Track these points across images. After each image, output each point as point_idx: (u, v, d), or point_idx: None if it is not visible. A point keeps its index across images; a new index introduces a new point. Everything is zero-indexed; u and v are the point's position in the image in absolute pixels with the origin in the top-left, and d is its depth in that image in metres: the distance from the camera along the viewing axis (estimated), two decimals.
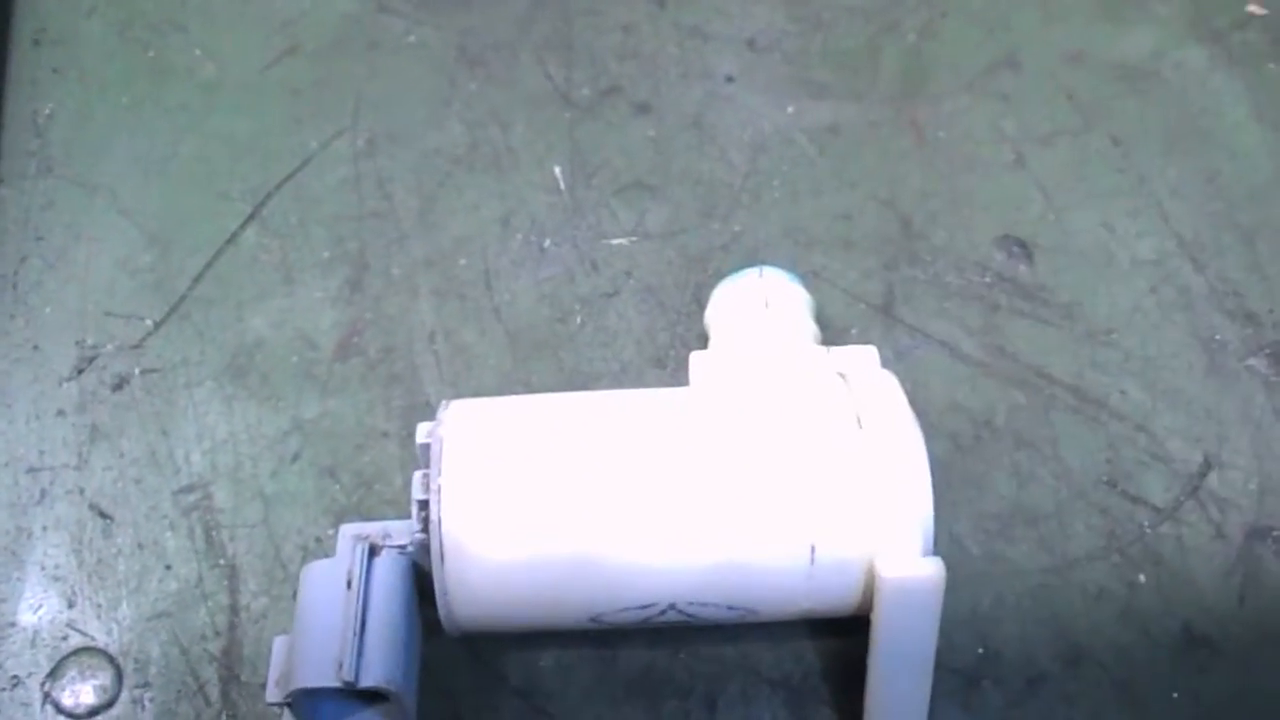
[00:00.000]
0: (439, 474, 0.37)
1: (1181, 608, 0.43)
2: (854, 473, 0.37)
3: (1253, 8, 0.55)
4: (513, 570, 0.37)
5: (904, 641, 0.37)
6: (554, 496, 0.37)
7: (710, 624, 0.39)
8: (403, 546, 0.39)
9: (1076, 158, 0.53)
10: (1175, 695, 0.41)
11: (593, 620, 0.38)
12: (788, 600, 0.38)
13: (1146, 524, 0.44)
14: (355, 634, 0.36)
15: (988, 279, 0.50)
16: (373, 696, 0.38)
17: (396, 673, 0.37)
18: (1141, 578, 0.43)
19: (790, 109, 0.54)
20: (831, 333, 0.49)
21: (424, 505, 0.37)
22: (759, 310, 0.43)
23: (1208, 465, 0.45)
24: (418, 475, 0.38)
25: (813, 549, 0.37)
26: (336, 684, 0.36)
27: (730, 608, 0.38)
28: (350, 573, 0.38)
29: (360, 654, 0.36)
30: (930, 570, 0.36)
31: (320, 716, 0.38)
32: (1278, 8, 0.55)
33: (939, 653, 0.38)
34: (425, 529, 0.38)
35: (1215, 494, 0.45)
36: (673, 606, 0.37)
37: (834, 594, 0.38)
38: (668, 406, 0.39)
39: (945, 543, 0.43)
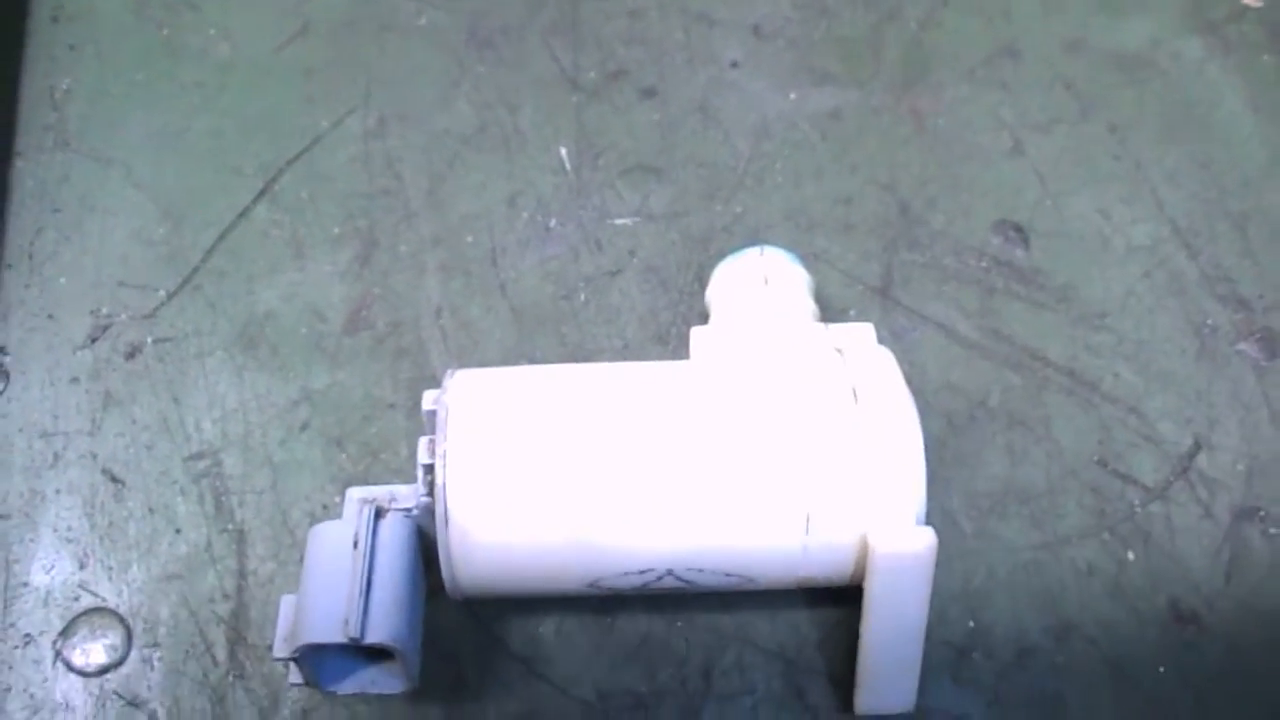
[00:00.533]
0: (444, 439, 0.38)
1: (1169, 585, 0.44)
2: (849, 445, 0.38)
3: (1248, 0, 0.56)
4: (515, 534, 0.38)
5: (896, 612, 0.38)
6: (556, 463, 0.38)
7: (707, 591, 0.40)
8: (408, 510, 0.40)
9: (1074, 145, 0.54)
10: (1161, 669, 0.42)
11: (592, 585, 0.39)
12: (783, 569, 0.39)
13: (1136, 503, 0.45)
14: (361, 593, 0.37)
15: (984, 263, 0.51)
16: (377, 654, 0.39)
17: (401, 631, 0.38)
18: (1131, 555, 0.44)
19: (793, 95, 0.55)
20: (830, 313, 0.50)
21: (429, 470, 0.38)
22: (759, 287, 0.44)
23: (1197, 447, 0.46)
24: (423, 441, 0.39)
25: (808, 518, 0.38)
26: (342, 640, 0.37)
27: (727, 575, 0.39)
28: (357, 533, 0.39)
29: (366, 612, 0.37)
30: (922, 541, 0.37)
31: (325, 672, 0.39)
32: (1273, 0, 0.56)
33: (931, 625, 0.38)
34: (430, 493, 0.38)
35: (1204, 475, 0.46)
36: (670, 572, 0.38)
37: (829, 564, 0.38)
38: (668, 378, 0.40)
39: (939, 519, 0.43)
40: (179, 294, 0.50)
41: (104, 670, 0.43)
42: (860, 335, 0.42)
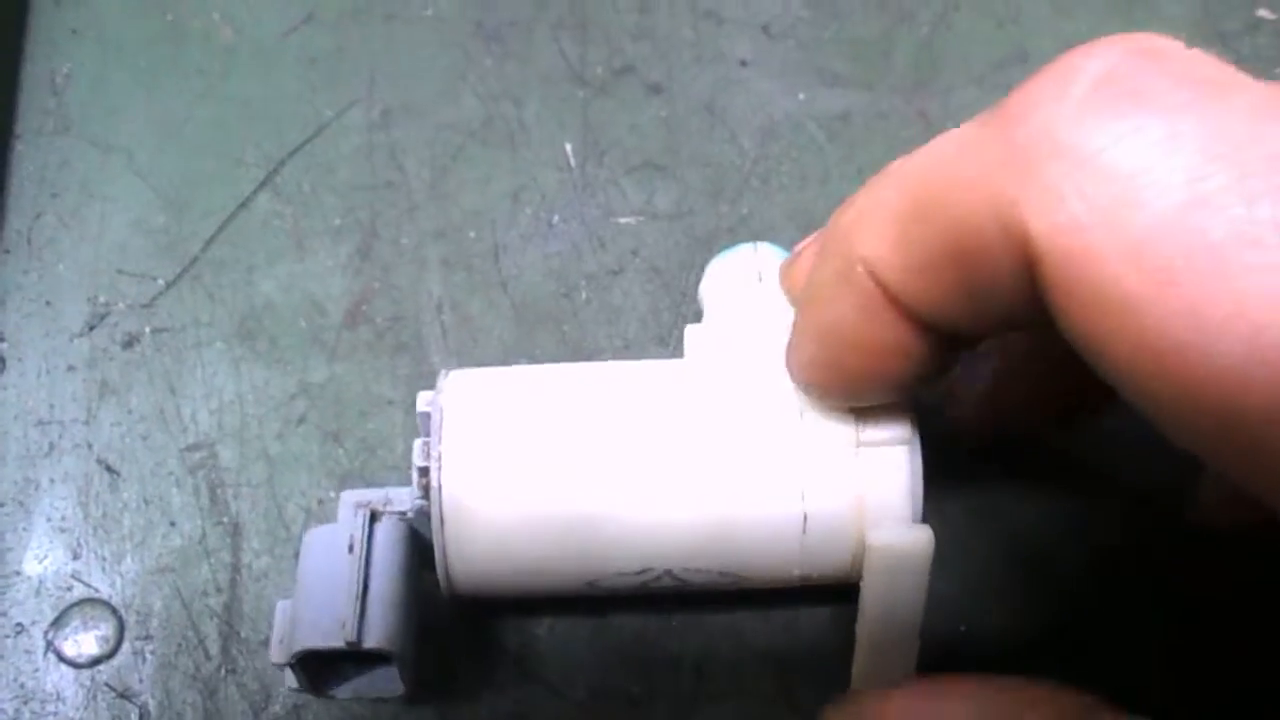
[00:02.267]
0: (439, 441, 0.38)
1: None
2: (845, 441, 0.38)
3: (1263, 12, 0.56)
4: (511, 536, 0.38)
5: (892, 610, 0.37)
6: (552, 465, 0.38)
7: (705, 591, 0.40)
8: (403, 513, 0.40)
9: None
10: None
11: (589, 586, 0.38)
12: (780, 567, 0.38)
13: None
14: (357, 597, 0.37)
15: None
16: (374, 659, 0.39)
17: (398, 635, 0.38)
18: None
19: (802, 96, 0.54)
20: None
21: (424, 472, 0.38)
22: (753, 284, 0.43)
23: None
24: (418, 443, 0.39)
25: (805, 517, 0.37)
26: (340, 645, 0.36)
27: (723, 573, 0.38)
28: (352, 537, 0.38)
29: (363, 616, 0.37)
30: (919, 537, 0.37)
31: (322, 677, 0.39)
32: None
33: (923, 627, 0.38)
34: (425, 495, 0.38)
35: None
36: (668, 572, 0.38)
37: (826, 561, 0.38)
38: (662, 377, 0.40)
39: (935, 520, 0.43)
40: (178, 283, 0.49)
41: (96, 661, 0.43)
42: None
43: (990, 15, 0.56)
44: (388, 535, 0.39)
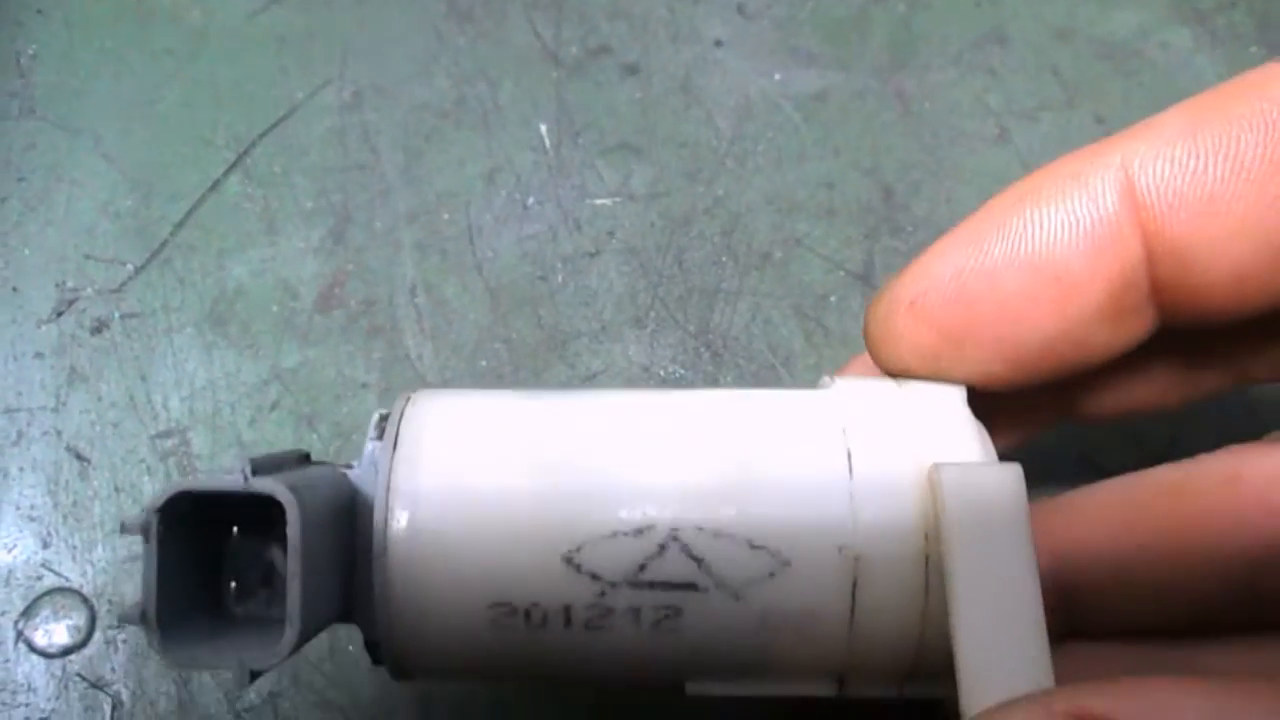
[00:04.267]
0: (405, 400, 0.32)
1: None
2: (887, 385, 0.33)
3: None
4: (472, 465, 0.31)
5: (990, 571, 0.28)
6: (528, 407, 0.32)
7: (717, 630, 0.30)
8: (348, 465, 0.32)
9: (1060, 134, 0.53)
10: None
11: (568, 561, 0.30)
12: (824, 531, 0.29)
13: None
14: (265, 465, 0.29)
15: None
16: (251, 625, 0.31)
17: (302, 502, 0.28)
18: None
19: (777, 76, 0.54)
20: (811, 299, 0.49)
21: (383, 419, 0.32)
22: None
23: (1173, 441, 0.46)
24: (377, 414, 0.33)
25: (849, 455, 0.30)
26: (228, 487, 0.28)
27: (752, 545, 0.30)
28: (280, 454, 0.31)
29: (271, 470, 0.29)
30: (1004, 469, 0.29)
31: (179, 627, 0.29)
32: None
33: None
34: (380, 435, 0.32)
35: None
36: (675, 537, 0.29)
37: (883, 517, 0.29)
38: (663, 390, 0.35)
39: None
40: (147, 268, 0.49)
41: (67, 651, 0.42)
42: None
43: None
44: (322, 472, 0.31)
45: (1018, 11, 0.55)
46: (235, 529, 0.31)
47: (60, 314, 0.48)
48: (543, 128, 0.52)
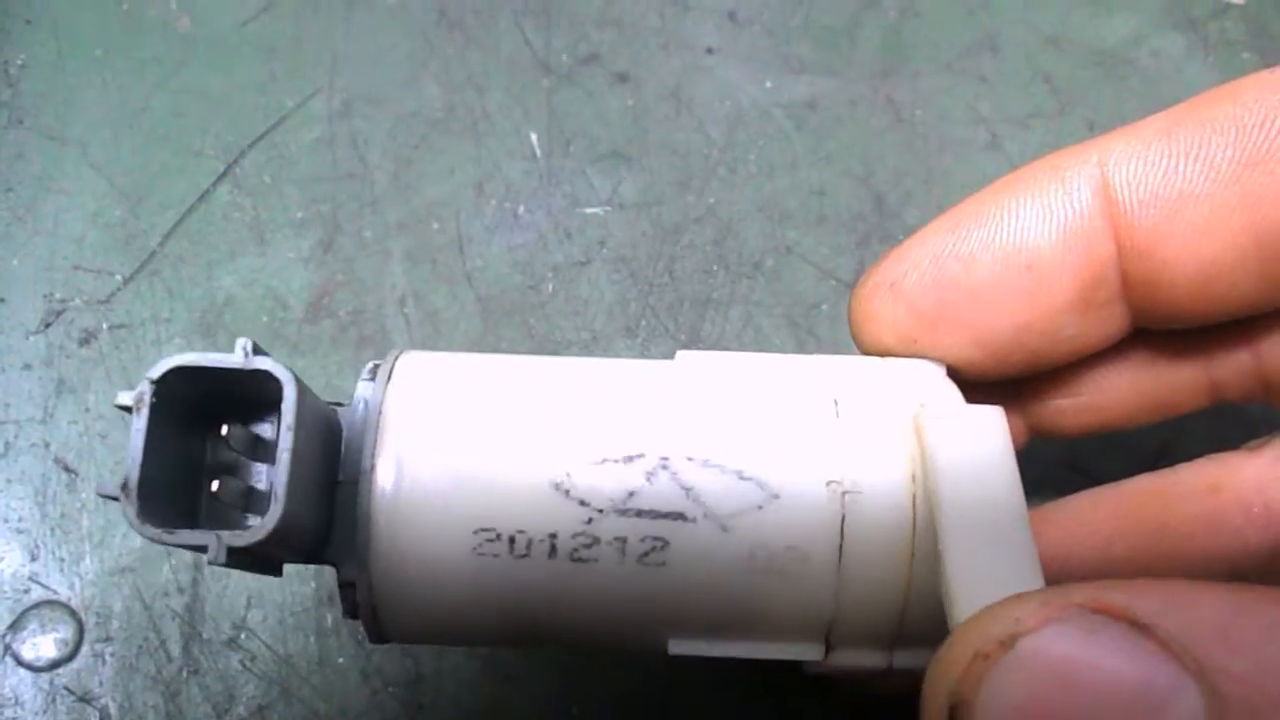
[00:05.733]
0: (398, 352, 0.32)
1: None
2: (873, 361, 0.34)
3: None
4: (465, 396, 0.31)
5: (979, 497, 0.28)
6: (516, 359, 0.33)
7: (702, 550, 0.29)
8: (338, 403, 0.32)
9: (1051, 141, 0.53)
10: None
11: (556, 486, 0.29)
12: (812, 464, 0.29)
13: None
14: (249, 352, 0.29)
15: None
16: (225, 514, 0.30)
17: (302, 408, 0.28)
18: None
19: (769, 83, 0.54)
20: (802, 308, 0.49)
21: (377, 367, 0.32)
22: None
23: (1163, 452, 0.46)
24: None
25: (835, 402, 0.31)
26: (229, 364, 0.28)
27: (742, 476, 0.29)
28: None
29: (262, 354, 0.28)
30: (984, 408, 0.30)
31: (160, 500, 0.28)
32: None
33: None
34: (373, 375, 0.31)
35: None
36: (664, 465, 0.29)
37: (870, 455, 0.30)
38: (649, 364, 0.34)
39: None
40: (136, 278, 0.48)
41: (55, 665, 0.42)
42: None
43: (959, 2, 0.56)
44: (316, 400, 0.31)
45: (1009, 19, 0.55)
46: (224, 429, 0.30)
47: (48, 325, 0.47)
48: (533, 136, 0.52)
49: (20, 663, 0.42)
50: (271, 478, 0.28)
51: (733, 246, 0.50)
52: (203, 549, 0.27)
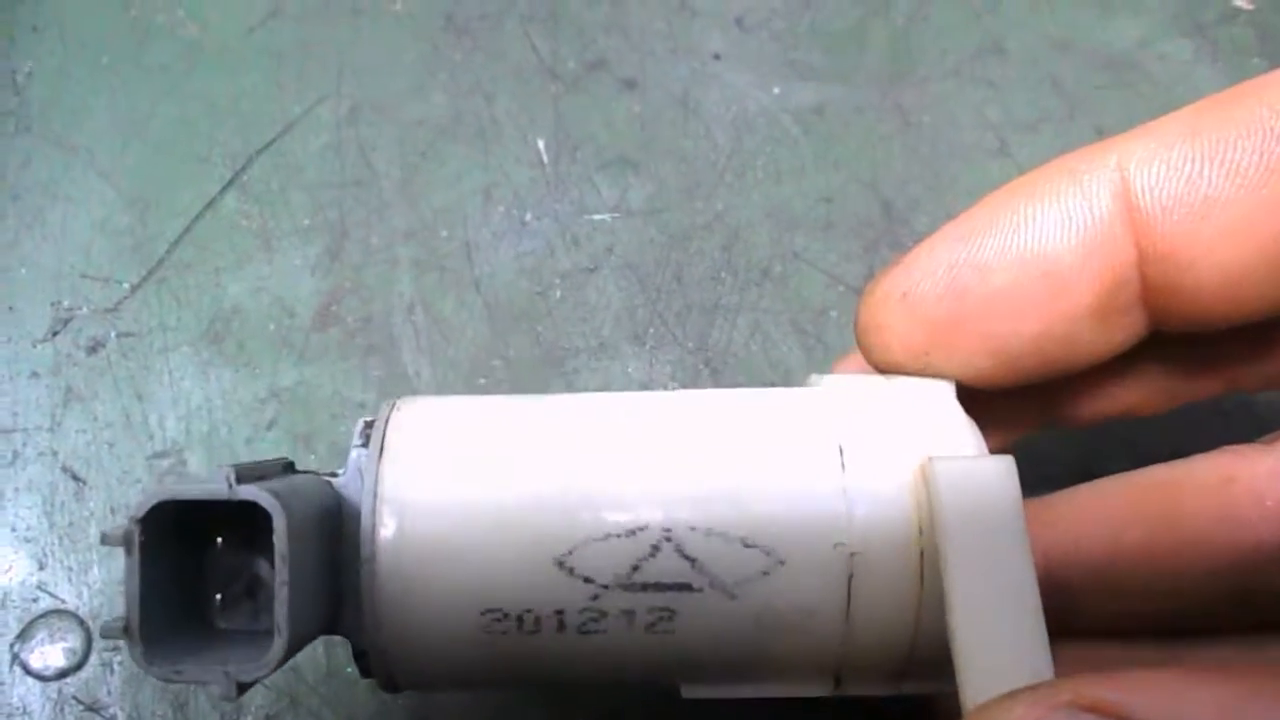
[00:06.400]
0: (391, 407, 0.32)
1: None
2: (876, 382, 0.33)
3: (1239, 2, 0.55)
4: (460, 469, 0.30)
5: (987, 564, 0.28)
6: (514, 411, 0.32)
7: (712, 634, 0.30)
8: (333, 473, 0.32)
9: (1059, 146, 0.52)
10: None
11: (560, 564, 0.29)
12: (818, 527, 0.29)
13: None
14: (249, 474, 0.28)
15: None
16: (235, 637, 0.30)
17: (290, 510, 0.27)
18: None
19: (776, 89, 0.54)
20: (810, 314, 0.49)
21: (368, 426, 0.32)
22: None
23: (1175, 456, 0.46)
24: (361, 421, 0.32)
25: (840, 450, 0.30)
26: (211, 494, 0.27)
27: (746, 544, 0.29)
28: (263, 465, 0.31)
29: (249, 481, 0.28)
30: (997, 461, 0.29)
31: (164, 638, 0.28)
32: (1264, 2, 0.56)
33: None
34: (365, 442, 0.31)
35: None
36: (668, 537, 0.29)
37: (877, 511, 0.29)
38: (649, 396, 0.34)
39: None
40: (143, 286, 0.48)
41: (63, 674, 0.42)
42: None
43: (967, 6, 0.56)
44: (307, 480, 0.31)
45: (1017, 23, 0.55)
46: (219, 540, 0.30)
47: (56, 333, 0.47)
48: (540, 143, 0.52)
49: (28, 672, 0.42)
50: (272, 576, 0.27)
51: (741, 253, 0.50)
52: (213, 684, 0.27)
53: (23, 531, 0.44)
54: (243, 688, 0.27)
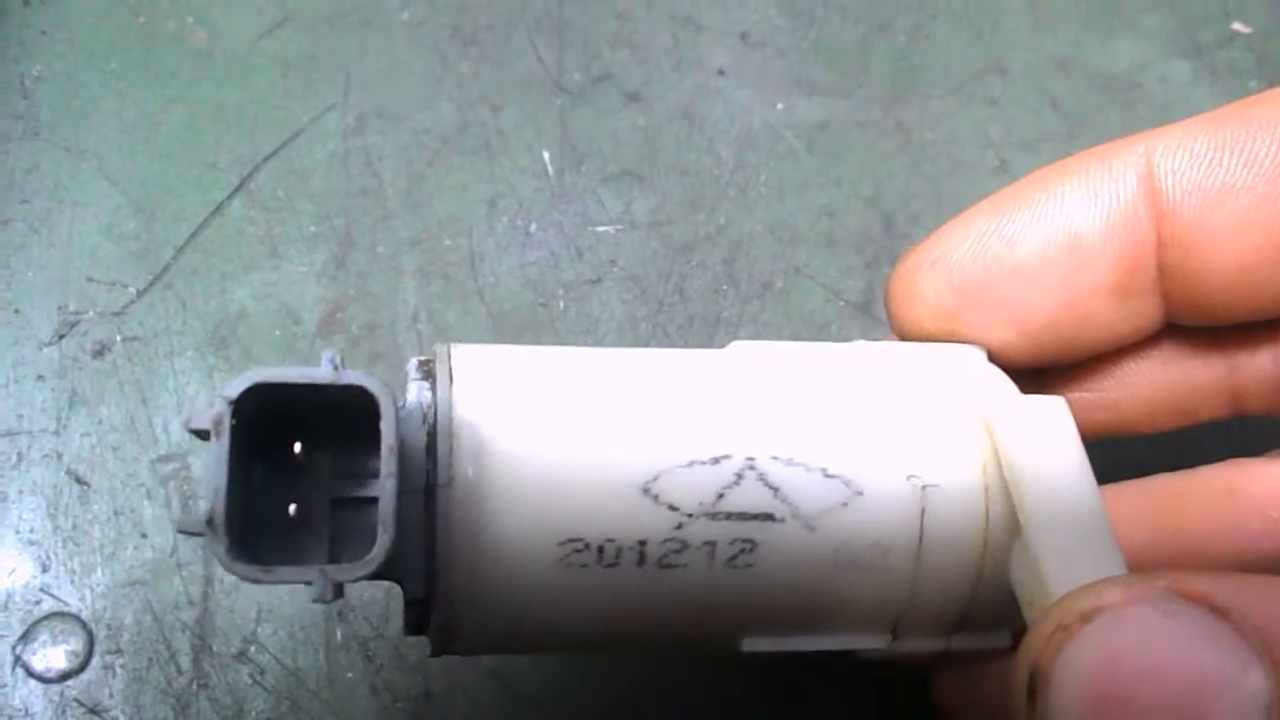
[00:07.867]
0: (447, 347, 0.31)
1: None
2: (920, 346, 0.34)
3: (1238, 25, 0.56)
4: (540, 396, 0.29)
5: (1056, 485, 0.29)
6: (585, 352, 0.32)
7: (785, 544, 0.29)
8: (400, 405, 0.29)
9: None
10: None
11: (645, 491, 0.28)
12: (894, 459, 0.30)
13: None
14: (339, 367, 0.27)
15: None
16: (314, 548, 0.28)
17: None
18: None
19: (780, 105, 0.54)
20: (811, 329, 0.49)
21: (425, 362, 0.30)
22: None
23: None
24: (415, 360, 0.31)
25: (906, 390, 0.32)
26: (318, 380, 0.26)
27: (827, 474, 0.29)
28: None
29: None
30: (1051, 398, 0.31)
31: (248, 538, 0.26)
32: (1262, 26, 0.56)
33: None
34: (424, 377, 0.29)
35: None
36: (751, 465, 0.29)
37: (946, 446, 0.30)
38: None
39: None
40: (149, 291, 0.49)
41: (65, 676, 0.42)
42: None
43: (969, 25, 0.56)
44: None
45: (1018, 43, 0.56)
46: (295, 446, 0.28)
47: (62, 337, 0.48)
48: (545, 154, 0.52)
49: (31, 674, 0.42)
50: (339, 491, 0.26)
51: (743, 266, 0.51)
52: (308, 584, 0.25)
53: (26, 534, 0.44)
54: (339, 591, 0.26)
